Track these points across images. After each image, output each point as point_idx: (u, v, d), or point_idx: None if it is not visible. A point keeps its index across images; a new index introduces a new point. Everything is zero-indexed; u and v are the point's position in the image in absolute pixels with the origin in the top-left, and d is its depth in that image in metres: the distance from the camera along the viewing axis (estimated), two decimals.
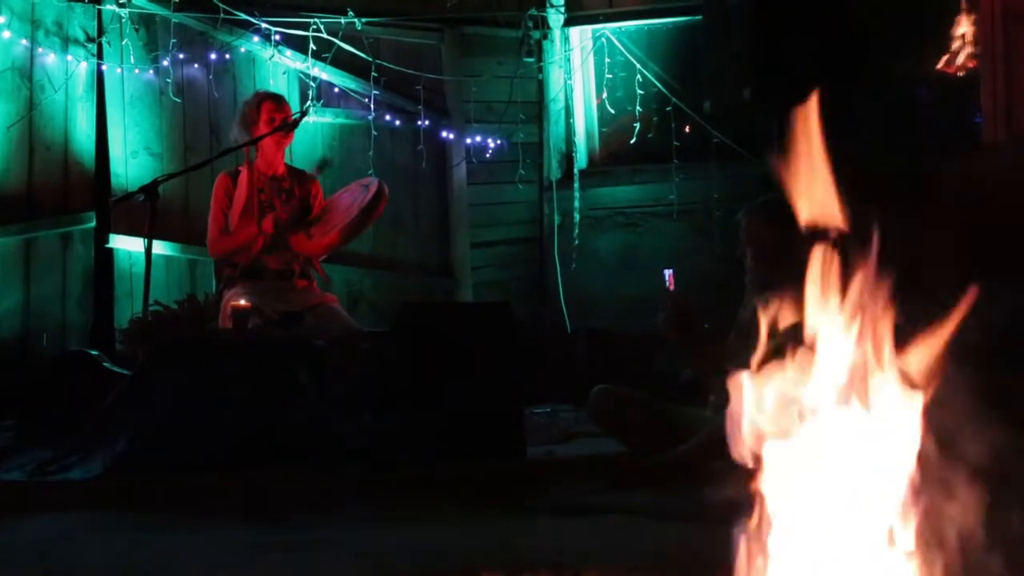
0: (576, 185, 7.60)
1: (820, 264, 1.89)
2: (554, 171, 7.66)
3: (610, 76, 7.49)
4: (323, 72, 6.89)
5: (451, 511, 3.66)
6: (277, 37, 6.72)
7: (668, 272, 4.14)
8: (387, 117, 7.12)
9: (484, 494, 3.83)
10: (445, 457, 4.13)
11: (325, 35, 6.81)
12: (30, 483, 4.13)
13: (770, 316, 1.96)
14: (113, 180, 6.26)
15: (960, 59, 5.50)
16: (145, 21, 6.46)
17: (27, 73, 6.13)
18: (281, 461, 4.06)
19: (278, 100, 5.31)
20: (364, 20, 6.91)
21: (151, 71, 6.44)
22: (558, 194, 7.61)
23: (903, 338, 1.88)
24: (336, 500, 3.81)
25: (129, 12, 6.35)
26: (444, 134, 7.35)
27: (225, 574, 2.91)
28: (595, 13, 7.56)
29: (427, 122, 7.18)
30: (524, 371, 4.61)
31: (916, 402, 1.85)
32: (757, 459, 1.89)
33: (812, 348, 1.89)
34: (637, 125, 7.39)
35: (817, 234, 1.89)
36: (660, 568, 2.71)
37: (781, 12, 5.37)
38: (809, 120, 1.89)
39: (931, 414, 1.86)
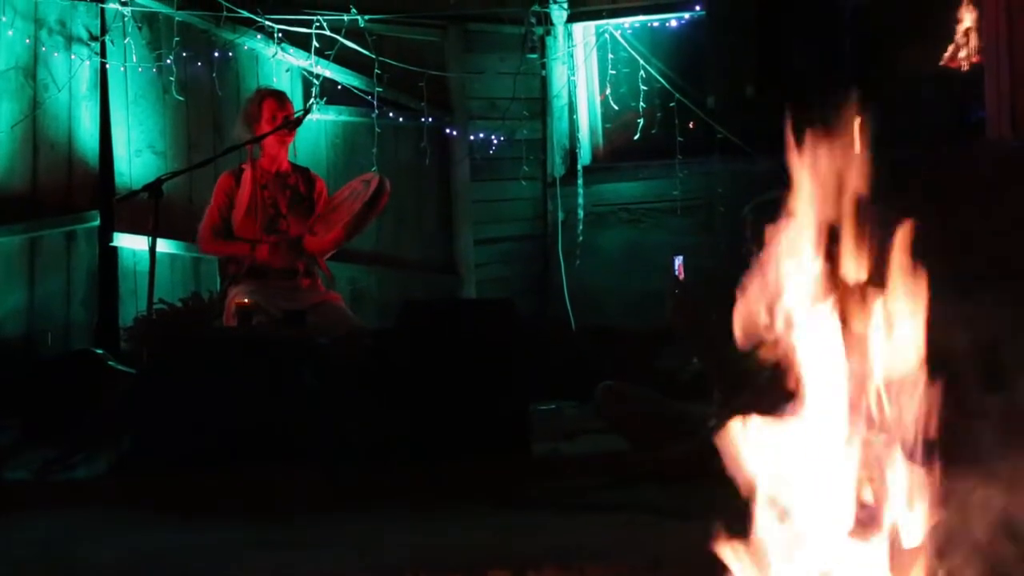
0: (580, 181, 7.58)
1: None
2: (558, 167, 7.65)
3: (613, 72, 7.47)
4: (326, 70, 6.88)
5: (456, 508, 3.67)
6: (280, 35, 6.72)
7: (678, 260, 4.15)
8: (390, 114, 7.11)
9: (489, 491, 3.83)
10: (450, 454, 4.12)
11: (328, 32, 6.80)
12: (35, 481, 4.14)
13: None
14: (117, 178, 6.25)
15: (964, 54, 5.48)
16: (148, 19, 6.45)
17: (31, 72, 6.12)
18: (285, 459, 4.06)
19: (280, 97, 5.30)
20: (367, 17, 6.90)
21: (154, 69, 6.43)
22: (562, 190, 7.60)
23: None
24: (339, 498, 3.82)
25: (132, 10, 6.35)
26: (447, 131, 7.34)
27: (229, 571, 2.92)
28: (598, 9, 7.54)
29: (430, 119, 7.17)
30: (528, 368, 4.61)
31: None
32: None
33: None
34: (640, 121, 7.38)
35: None
36: (663, 566, 2.71)
37: (784, 8, 5.37)
38: None
39: None
